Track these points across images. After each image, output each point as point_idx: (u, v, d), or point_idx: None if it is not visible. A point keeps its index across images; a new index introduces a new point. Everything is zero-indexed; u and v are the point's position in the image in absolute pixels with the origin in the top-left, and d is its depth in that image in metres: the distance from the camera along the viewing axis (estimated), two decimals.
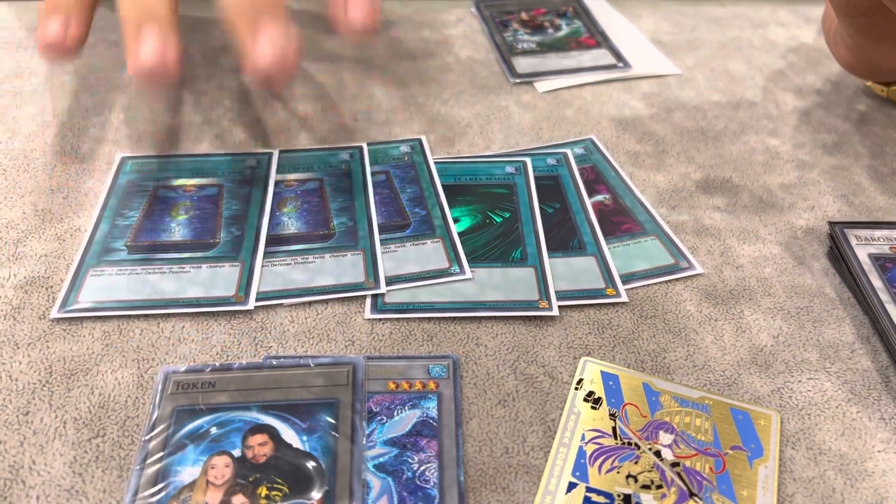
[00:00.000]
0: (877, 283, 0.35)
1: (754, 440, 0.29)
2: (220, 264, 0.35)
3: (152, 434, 0.28)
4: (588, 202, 0.39)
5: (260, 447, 0.28)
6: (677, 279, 0.36)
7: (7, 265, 0.35)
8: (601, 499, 0.27)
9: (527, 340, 0.33)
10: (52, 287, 0.34)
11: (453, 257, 0.36)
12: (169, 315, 0.33)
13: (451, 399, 0.30)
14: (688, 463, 0.28)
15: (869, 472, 0.29)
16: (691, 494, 0.27)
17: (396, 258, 0.36)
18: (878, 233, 0.37)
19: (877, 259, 0.36)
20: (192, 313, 0.33)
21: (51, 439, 0.28)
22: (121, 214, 0.37)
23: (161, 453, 0.27)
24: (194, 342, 0.32)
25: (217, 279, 0.34)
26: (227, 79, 0.48)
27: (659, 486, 0.28)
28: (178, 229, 0.37)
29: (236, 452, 0.27)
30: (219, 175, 0.40)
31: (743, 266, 0.37)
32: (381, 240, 0.36)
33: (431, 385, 0.30)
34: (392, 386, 0.30)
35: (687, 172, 0.43)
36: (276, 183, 0.40)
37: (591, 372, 0.31)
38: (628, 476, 0.28)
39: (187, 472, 0.27)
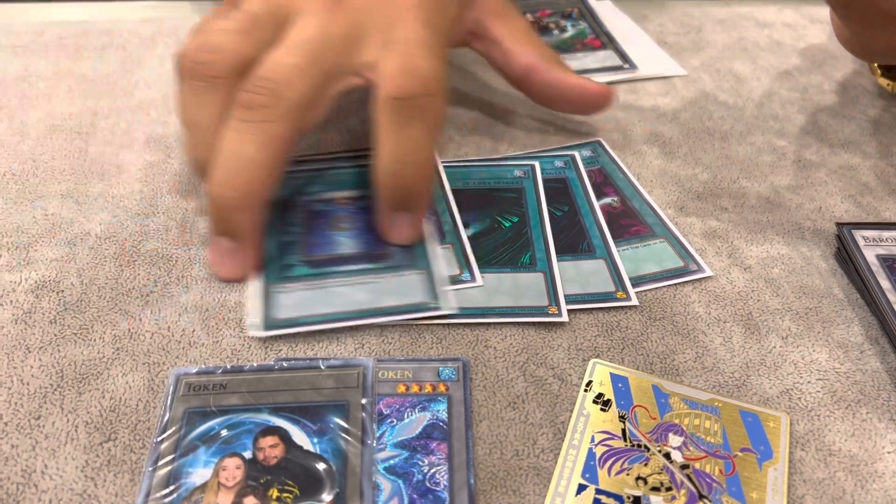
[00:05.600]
0: (885, 283, 0.35)
1: (764, 442, 0.29)
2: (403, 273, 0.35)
3: (164, 436, 0.28)
4: (596, 205, 0.39)
5: (271, 449, 0.28)
6: (686, 282, 0.36)
7: (18, 269, 0.35)
8: (611, 501, 0.27)
9: (536, 343, 0.33)
10: (62, 291, 0.34)
11: (464, 264, 0.36)
12: (186, 320, 0.33)
13: (461, 401, 0.30)
14: (697, 465, 0.28)
15: (879, 473, 0.29)
16: (701, 497, 0.27)
17: None
18: (885, 234, 0.37)
19: (885, 260, 0.36)
20: (204, 318, 0.33)
21: (62, 443, 0.28)
22: (284, 230, 0.37)
23: (172, 455, 0.27)
24: (204, 345, 0.32)
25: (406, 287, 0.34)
26: None
27: (668, 489, 0.28)
28: (345, 242, 0.36)
29: (247, 454, 0.28)
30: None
31: (751, 267, 0.37)
32: None
33: (441, 387, 0.30)
34: (402, 388, 0.30)
35: (694, 174, 0.43)
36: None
37: (600, 374, 0.31)
38: (638, 478, 0.28)
39: (199, 474, 0.27)
